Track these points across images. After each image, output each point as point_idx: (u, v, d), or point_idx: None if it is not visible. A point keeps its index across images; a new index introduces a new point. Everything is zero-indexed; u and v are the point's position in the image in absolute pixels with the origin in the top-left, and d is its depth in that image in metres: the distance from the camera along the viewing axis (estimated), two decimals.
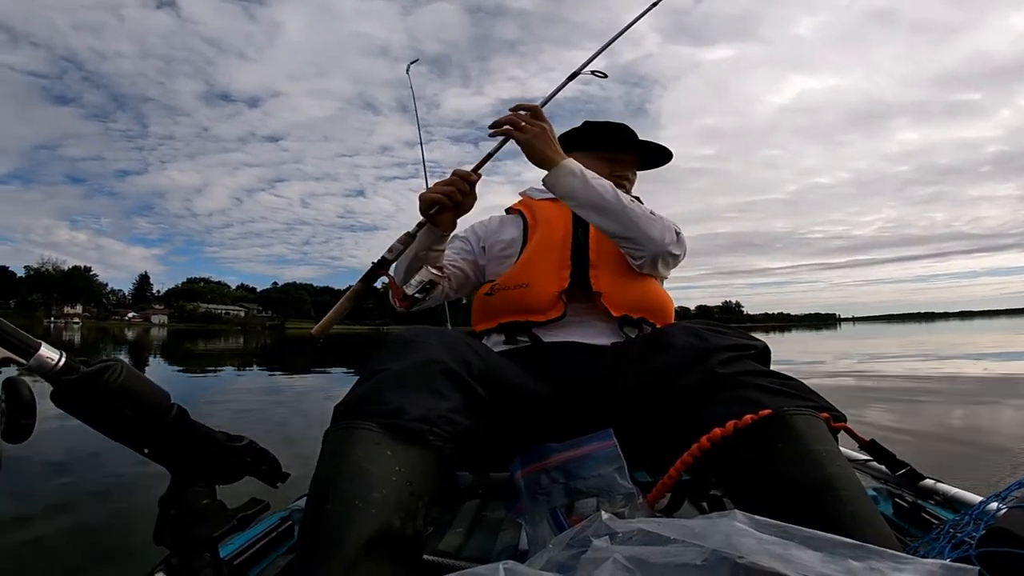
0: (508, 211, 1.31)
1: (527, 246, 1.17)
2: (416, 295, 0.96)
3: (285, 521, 0.95)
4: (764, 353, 0.81)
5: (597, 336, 1.04)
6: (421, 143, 2.40)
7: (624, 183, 1.25)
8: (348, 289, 0.98)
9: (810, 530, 0.45)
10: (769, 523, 0.46)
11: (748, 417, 0.65)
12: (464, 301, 1.38)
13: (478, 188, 1.05)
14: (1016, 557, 0.50)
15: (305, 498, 0.64)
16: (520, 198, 1.33)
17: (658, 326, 1.07)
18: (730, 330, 0.83)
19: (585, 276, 1.08)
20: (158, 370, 8.97)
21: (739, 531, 0.44)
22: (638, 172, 1.33)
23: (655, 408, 0.80)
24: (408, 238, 0.99)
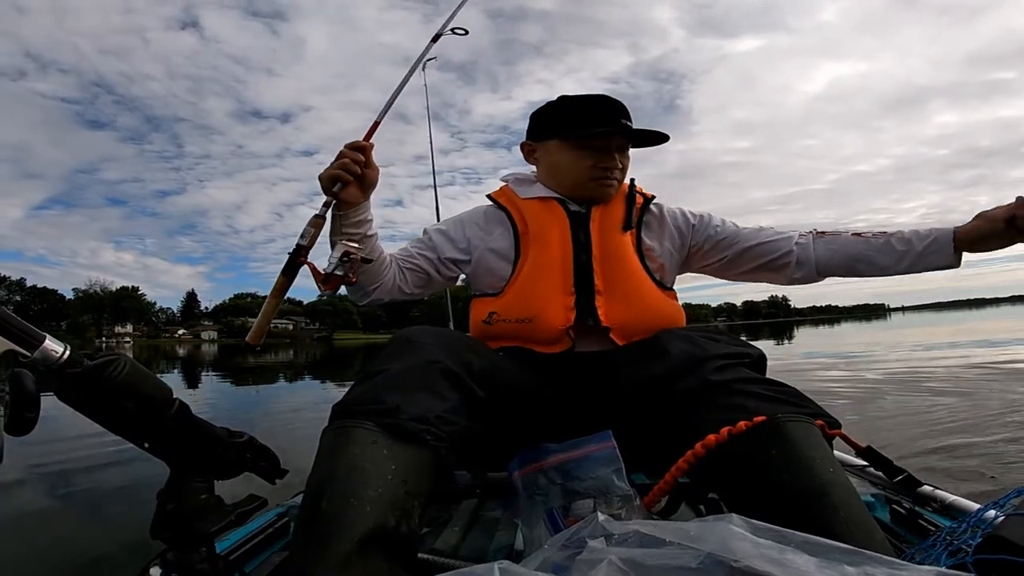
0: (491, 199, 1.15)
1: (522, 266, 1.04)
2: (336, 272, 0.92)
3: (282, 518, 0.96)
4: (760, 361, 0.81)
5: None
6: (431, 142, 2.39)
7: (612, 178, 1.05)
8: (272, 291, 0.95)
9: (806, 535, 0.45)
10: (765, 527, 0.46)
11: (742, 424, 0.65)
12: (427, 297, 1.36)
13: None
14: (1013, 565, 0.50)
15: (302, 495, 0.65)
16: (502, 185, 1.17)
17: None
18: (725, 337, 0.83)
19: (591, 305, 0.99)
20: (214, 386, 8.93)
21: (735, 535, 0.45)
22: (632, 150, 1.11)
23: (652, 413, 0.80)
24: (318, 220, 0.95)
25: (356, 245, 0.95)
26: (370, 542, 0.57)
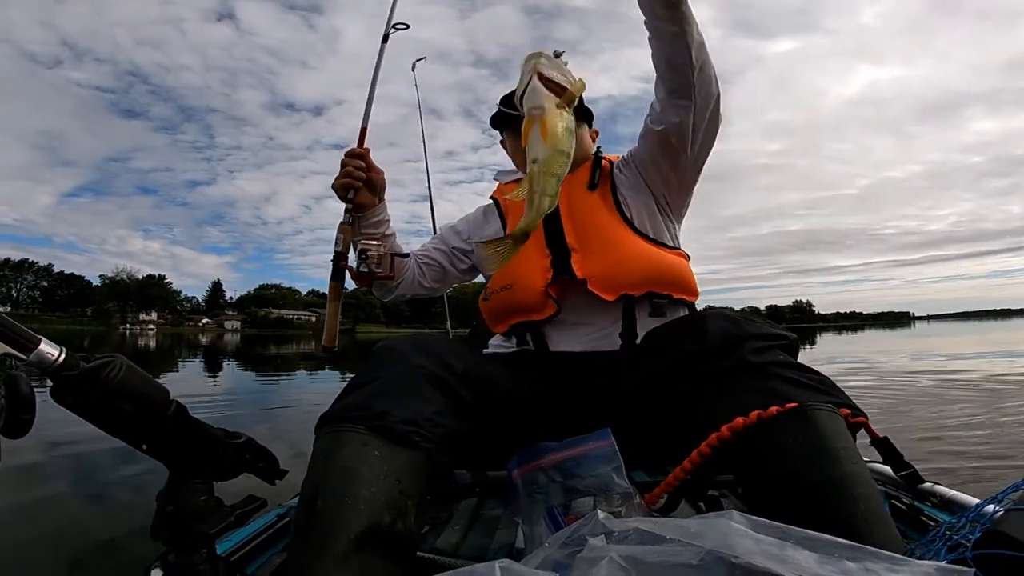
0: (492, 197, 1.24)
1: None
2: (362, 269, 1.04)
3: (282, 518, 0.96)
4: (794, 345, 0.81)
5: (602, 329, 1.00)
6: (424, 145, 2.38)
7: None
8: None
9: (806, 530, 0.45)
10: (766, 523, 0.46)
11: (774, 409, 0.65)
12: (449, 292, 1.41)
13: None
14: (1012, 559, 0.50)
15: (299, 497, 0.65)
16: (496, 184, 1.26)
17: (673, 296, 1.00)
18: (761, 319, 0.82)
19: (567, 263, 1.00)
20: (234, 375, 8.94)
21: (735, 531, 0.44)
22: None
23: (669, 400, 0.79)
24: (346, 226, 1.05)
25: (374, 243, 1.04)
26: (367, 540, 0.58)
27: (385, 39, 1.26)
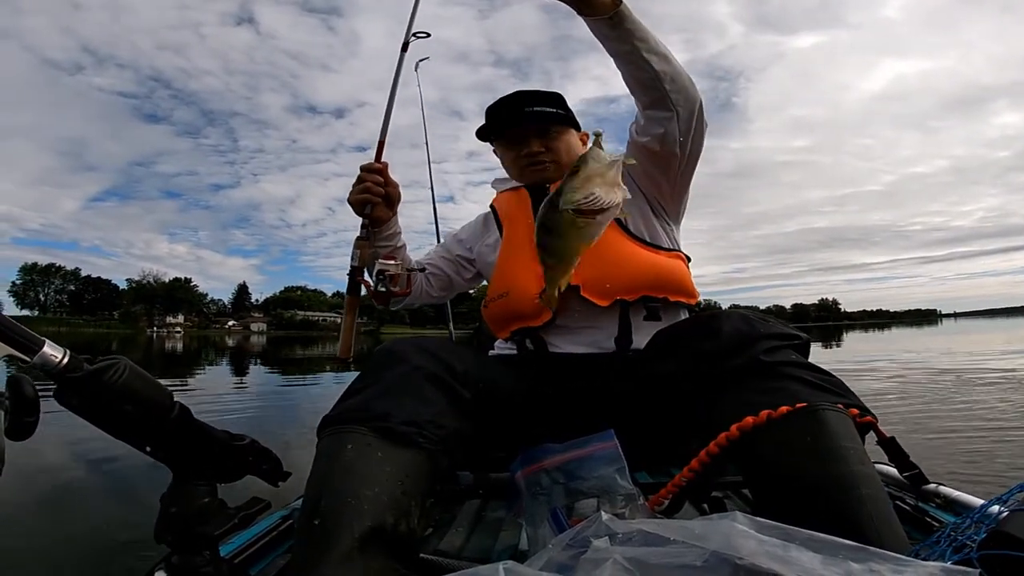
0: (492, 205, 1.25)
1: (502, 247, 1.14)
2: (380, 288, 1.01)
3: (286, 520, 0.95)
4: (806, 346, 0.81)
5: (597, 333, 1.01)
6: (427, 144, 2.38)
7: (538, 161, 1.11)
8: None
9: (811, 532, 0.45)
10: (770, 524, 0.46)
11: (784, 408, 0.65)
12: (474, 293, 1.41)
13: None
14: (1017, 560, 0.50)
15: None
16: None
17: (669, 299, 1.00)
18: (774, 320, 0.83)
19: None
20: (260, 376, 8.98)
21: (739, 532, 0.44)
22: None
23: (687, 394, 0.79)
24: (363, 242, 1.03)
25: (393, 263, 1.01)
26: (370, 540, 0.58)
27: (405, 47, 1.22)
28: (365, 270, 1.04)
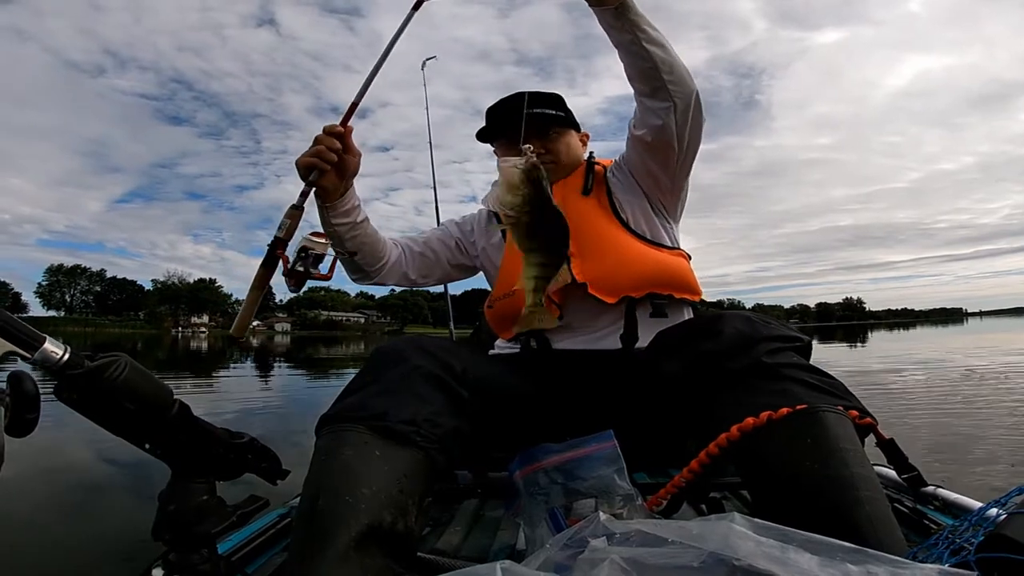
0: None
1: (505, 247, 1.14)
2: (298, 267, 0.90)
3: (284, 518, 0.96)
4: (808, 347, 0.81)
5: (603, 331, 1.01)
6: (431, 145, 2.37)
7: (545, 163, 1.08)
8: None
9: (808, 533, 0.45)
10: (768, 526, 0.46)
11: (784, 409, 0.66)
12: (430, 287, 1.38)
13: None
14: (1015, 563, 0.50)
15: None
16: None
17: (674, 296, 1.01)
18: (776, 322, 0.83)
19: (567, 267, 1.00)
20: (283, 376, 8.98)
21: (737, 533, 0.44)
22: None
23: (688, 395, 0.79)
24: (295, 211, 0.92)
25: (321, 241, 0.92)
26: (367, 538, 0.58)
27: (417, 5, 1.08)
28: (290, 243, 0.92)
